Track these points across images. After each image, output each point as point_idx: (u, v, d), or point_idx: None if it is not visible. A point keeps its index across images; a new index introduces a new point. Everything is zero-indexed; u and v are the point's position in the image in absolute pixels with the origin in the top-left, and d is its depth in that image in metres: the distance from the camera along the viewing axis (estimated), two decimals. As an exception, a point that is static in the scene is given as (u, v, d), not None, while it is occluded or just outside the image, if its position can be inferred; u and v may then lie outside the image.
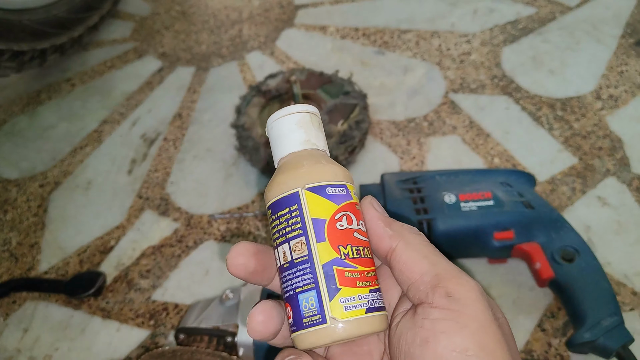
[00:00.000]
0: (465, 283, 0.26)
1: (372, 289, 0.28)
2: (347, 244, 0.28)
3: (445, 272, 0.27)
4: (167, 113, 0.85)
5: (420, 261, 0.27)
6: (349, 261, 0.27)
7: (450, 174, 0.61)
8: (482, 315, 0.25)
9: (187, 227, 0.70)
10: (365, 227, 0.29)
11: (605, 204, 0.65)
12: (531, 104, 0.77)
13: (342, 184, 0.29)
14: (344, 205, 0.28)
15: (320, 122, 0.31)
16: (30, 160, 0.83)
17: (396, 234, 0.28)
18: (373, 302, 0.27)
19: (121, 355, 0.60)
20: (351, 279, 0.27)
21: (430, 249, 0.28)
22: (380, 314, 0.28)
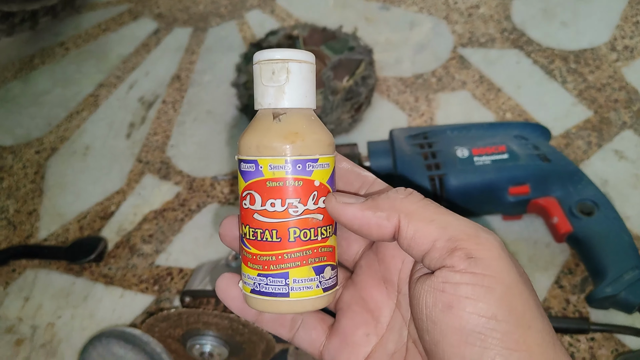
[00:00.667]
0: (485, 241, 0.24)
1: (261, 273, 0.27)
2: (246, 224, 0.27)
3: (459, 233, 0.24)
4: (165, 75, 0.82)
5: (428, 228, 0.25)
6: (245, 241, 0.28)
7: (462, 128, 0.58)
8: (507, 275, 0.23)
9: (189, 190, 0.67)
10: (350, 227, 0.27)
11: (623, 158, 0.62)
12: (543, 57, 0.74)
13: (252, 160, 0.27)
14: (251, 184, 0.27)
15: (277, 69, 0.27)
16: (25, 127, 0.80)
17: (391, 211, 0.26)
18: (259, 285, 0.27)
19: (126, 321, 0.58)
20: (245, 258, 0.28)
21: (433, 209, 0.25)
22: (265, 298, 0.28)
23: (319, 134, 0.27)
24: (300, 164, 0.26)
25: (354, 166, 0.30)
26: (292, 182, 0.27)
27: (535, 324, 0.23)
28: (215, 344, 0.49)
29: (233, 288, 0.30)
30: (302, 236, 0.27)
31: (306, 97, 0.27)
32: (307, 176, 0.27)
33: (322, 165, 0.27)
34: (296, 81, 0.27)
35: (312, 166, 0.27)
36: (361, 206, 0.26)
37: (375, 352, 0.29)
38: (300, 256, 0.27)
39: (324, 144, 0.27)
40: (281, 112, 0.27)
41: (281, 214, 0.27)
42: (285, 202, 0.27)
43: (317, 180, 0.27)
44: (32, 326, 0.60)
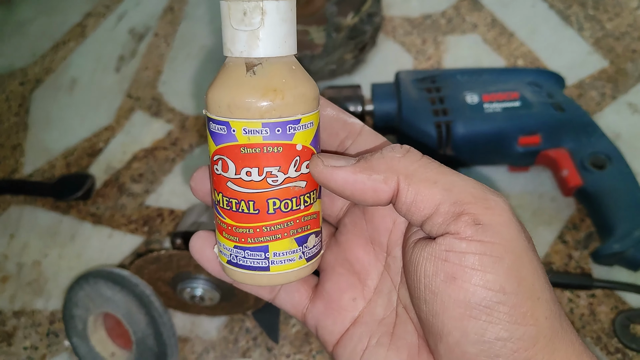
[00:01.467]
0: (494, 205, 0.21)
1: (238, 245, 0.25)
2: (219, 191, 0.24)
3: (466, 195, 0.22)
4: (157, 7, 0.77)
5: (431, 191, 0.22)
6: (220, 209, 0.25)
7: (472, 73, 0.55)
8: (517, 243, 0.21)
9: (181, 129, 0.64)
10: (343, 194, 0.24)
11: (637, 111, 0.60)
12: (560, 1, 0.70)
13: (224, 121, 0.23)
14: (222, 148, 0.23)
15: (252, 7, 0.22)
16: (7, 57, 0.76)
17: (388, 173, 0.23)
18: (236, 258, 0.25)
19: (114, 262, 0.56)
20: (219, 227, 0.26)
21: (435, 168, 0.23)
22: (244, 272, 0.25)
23: (301, 88, 0.23)
24: (279, 127, 0.23)
25: (339, 112, 0.27)
26: (270, 149, 0.23)
27: (544, 294, 0.21)
28: (206, 288, 0.47)
29: (208, 249, 0.28)
30: (283, 207, 0.24)
31: (285, 42, 0.23)
32: (288, 140, 0.23)
33: (305, 125, 0.23)
34: (273, 23, 0.22)
35: (294, 128, 0.23)
36: (353, 169, 0.23)
37: (362, 317, 0.27)
38: (280, 228, 0.24)
39: (307, 99, 0.23)
40: (256, 62, 0.23)
41: (258, 184, 0.23)
42: (262, 171, 0.23)
43: (299, 143, 0.23)
44: (18, 264, 0.58)
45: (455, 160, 0.55)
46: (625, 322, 0.47)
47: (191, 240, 0.28)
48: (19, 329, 0.54)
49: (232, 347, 0.50)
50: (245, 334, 0.51)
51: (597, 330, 0.48)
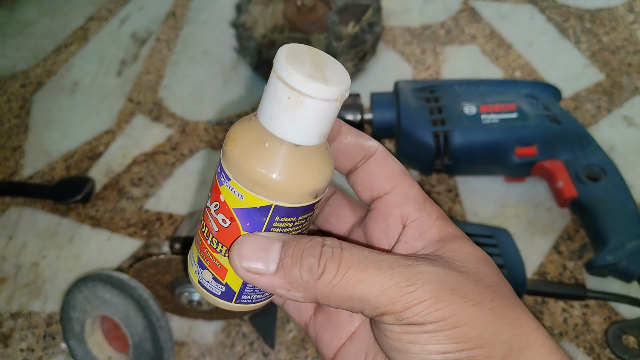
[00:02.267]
0: (412, 299, 0.22)
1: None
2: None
3: (383, 300, 0.23)
4: (159, 11, 0.78)
5: (350, 305, 0.23)
6: None
7: (470, 84, 0.56)
8: (451, 313, 0.22)
9: (182, 134, 0.65)
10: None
11: (632, 124, 0.61)
12: (558, 14, 0.71)
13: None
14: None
15: (287, 95, 0.22)
16: (10, 58, 0.76)
17: (305, 293, 0.24)
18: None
19: (112, 265, 0.57)
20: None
21: (350, 278, 0.23)
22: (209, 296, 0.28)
23: (307, 185, 0.24)
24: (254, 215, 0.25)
25: (358, 137, 0.28)
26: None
27: (497, 338, 0.22)
28: (204, 293, 0.47)
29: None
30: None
31: (320, 136, 0.24)
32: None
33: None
34: (311, 119, 0.23)
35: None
36: (271, 280, 0.24)
37: (358, 334, 0.28)
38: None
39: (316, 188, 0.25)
40: (290, 145, 0.23)
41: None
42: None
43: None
44: (16, 265, 0.58)
45: (452, 169, 0.55)
46: (617, 332, 0.47)
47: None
48: (16, 330, 0.54)
49: (228, 351, 0.50)
50: (242, 339, 0.51)
51: (590, 341, 0.48)
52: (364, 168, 0.28)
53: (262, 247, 0.24)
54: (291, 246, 0.24)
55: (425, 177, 0.58)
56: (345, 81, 0.23)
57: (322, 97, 0.22)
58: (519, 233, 0.54)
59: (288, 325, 0.51)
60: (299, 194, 0.24)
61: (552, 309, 0.50)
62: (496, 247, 0.48)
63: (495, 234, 0.49)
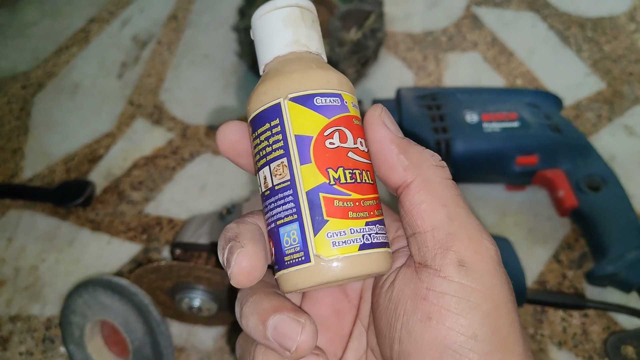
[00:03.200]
0: (484, 251, 0.22)
1: (369, 221, 0.23)
2: (338, 166, 0.23)
3: (462, 232, 0.22)
4: (161, 14, 0.78)
5: (437, 210, 0.22)
6: (340, 187, 0.23)
7: (472, 92, 0.56)
8: (498, 293, 0.21)
9: (182, 137, 0.65)
10: (368, 146, 0.24)
11: (632, 134, 0.61)
12: (560, 22, 0.71)
13: (337, 93, 0.24)
14: (337, 119, 0.23)
15: (315, 18, 0.26)
16: (10, 59, 0.76)
17: (413, 166, 0.23)
18: (370, 237, 0.23)
19: (112, 269, 0.57)
20: (342, 209, 0.23)
21: (452, 193, 0.23)
22: (380, 250, 0.23)
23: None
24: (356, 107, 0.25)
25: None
26: (360, 123, 0.25)
27: (517, 347, 0.21)
28: (205, 299, 0.48)
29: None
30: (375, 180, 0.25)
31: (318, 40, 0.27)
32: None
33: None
34: (310, 27, 0.26)
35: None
36: (394, 137, 0.23)
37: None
38: (377, 203, 0.24)
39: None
40: (323, 58, 0.26)
41: (367, 155, 0.24)
42: (363, 143, 0.24)
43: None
44: (15, 268, 0.58)
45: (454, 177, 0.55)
46: (616, 342, 0.47)
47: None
48: (15, 334, 0.54)
49: (227, 357, 0.50)
50: (242, 345, 0.51)
51: (589, 350, 0.48)
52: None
53: (393, 120, 0.24)
54: None
55: (426, 184, 0.58)
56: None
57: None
58: (519, 241, 0.54)
59: (288, 332, 0.51)
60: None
61: (552, 318, 0.50)
62: (497, 256, 0.48)
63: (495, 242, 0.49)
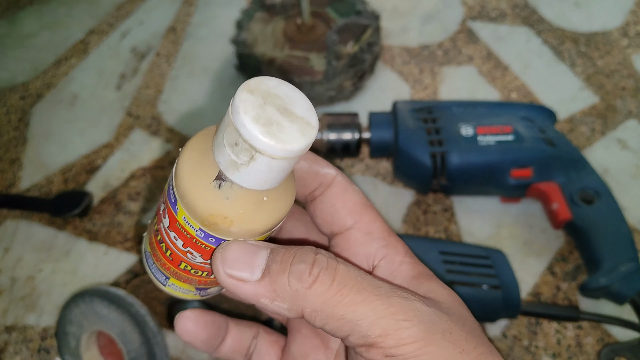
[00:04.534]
0: (405, 335, 0.21)
1: (152, 259, 0.28)
2: (159, 217, 0.26)
3: (375, 329, 0.21)
4: (160, 26, 0.78)
5: (339, 325, 0.22)
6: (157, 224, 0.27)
7: (468, 105, 0.57)
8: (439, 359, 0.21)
9: (180, 149, 0.65)
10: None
11: (625, 147, 0.62)
12: (554, 37, 0.72)
13: (174, 195, 0.23)
14: (168, 203, 0.25)
15: (234, 140, 0.21)
16: (9, 70, 0.76)
17: (292, 304, 0.22)
18: (149, 263, 0.28)
19: (109, 279, 0.57)
20: (158, 217, 0.27)
21: (344, 298, 0.21)
22: (150, 273, 0.28)
23: (253, 224, 0.23)
24: (213, 239, 0.23)
25: (312, 163, 0.26)
26: (198, 243, 0.23)
27: None
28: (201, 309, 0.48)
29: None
30: (193, 272, 0.26)
31: (265, 182, 0.22)
32: (214, 246, 0.23)
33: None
34: (258, 170, 0.21)
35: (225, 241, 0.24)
36: (256, 288, 0.22)
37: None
38: (185, 277, 0.26)
39: (253, 233, 0.23)
40: (227, 180, 0.22)
41: (180, 250, 0.25)
42: (186, 247, 0.24)
43: None
44: (12, 278, 0.58)
45: (449, 190, 0.56)
46: (610, 354, 0.48)
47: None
48: (10, 344, 0.54)
49: (223, 368, 0.50)
50: (237, 356, 0.51)
51: (583, 362, 0.49)
52: (323, 200, 0.26)
53: (248, 252, 0.22)
54: (280, 253, 0.22)
55: (421, 197, 0.59)
56: (307, 135, 0.20)
57: (276, 155, 0.20)
58: (514, 254, 0.55)
59: (284, 343, 0.51)
60: (249, 234, 0.23)
61: (546, 330, 0.50)
62: (491, 267, 0.48)
63: (490, 254, 0.49)
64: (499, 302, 0.46)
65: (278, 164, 0.21)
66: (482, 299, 0.46)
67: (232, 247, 0.22)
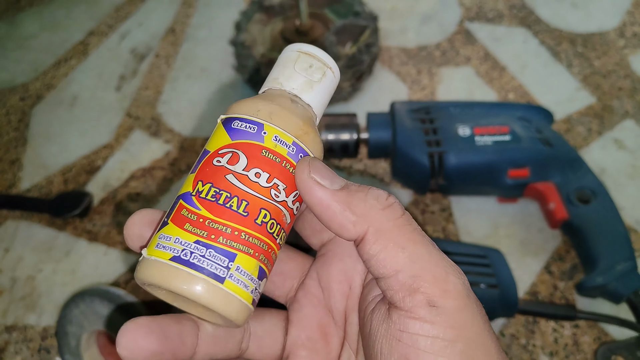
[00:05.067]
0: (452, 288, 0.22)
1: (204, 242, 0.22)
2: (208, 181, 0.23)
3: (426, 273, 0.22)
4: (159, 27, 0.79)
5: (396, 256, 0.22)
6: (195, 199, 0.22)
7: (465, 106, 0.57)
8: (471, 328, 0.21)
9: (179, 149, 0.65)
10: (312, 210, 0.24)
11: (622, 147, 0.62)
12: (551, 38, 0.72)
13: (258, 122, 0.24)
14: (239, 143, 0.23)
15: (314, 64, 0.26)
16: (9, 71, 0.77)
17: (361, 219, 0.22)
18: (192, 255, 0.22)
19: (109, 279, 0.57)
20: (183, 218, 0.22)
21: (408, 233, 0.22)
22: (178, 268, 0.21)
23: (321, 142, 0.26)
24: (302, 154, 0.24)
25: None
26: (287, 165, 0.24)
27: None
28: (200, 309, 0.48)
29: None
30: (269, 226, 0.23)
31: (322, 106, 0.27)
32: None
33: None
34: (324, 88, 0.27)
35: None
36: (332, 195, 0.23)
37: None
38: (256, 244, 0.23)
39: (320, 151, 0.26)
40: (302, 102, 0.26)
41: (261, 190, 0.23)
42: (271, 180, 0.23)
43: None
44: (12, 278, 0.58)
45: (447, 190, 0.56)
46: (606, 353, 0.48)
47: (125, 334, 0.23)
48: (11, 343, 0.54)
49: (223, 367, 0.51)
50: (237, 355, 0.51)
51: (580, 361, 0.49)
52: (309, 211, 0.27)
53: (330, 170, 0.24)
54: (356, 184, 0.24)
55: (419, 197, 0.59)
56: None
57: (335, 70, 0.27)
58: (511, 253, 0.55)
59: (283, 342, 0.51)
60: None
61: (543, 329, 0.51)
62: (489, 267, 0.48)
63: (488, 254, 0.49)
64: (496, 301, 0.47)
65: (334, 83, 0.27)
66: (480, 298, 0.46)
67: (318, 161, 0.24)
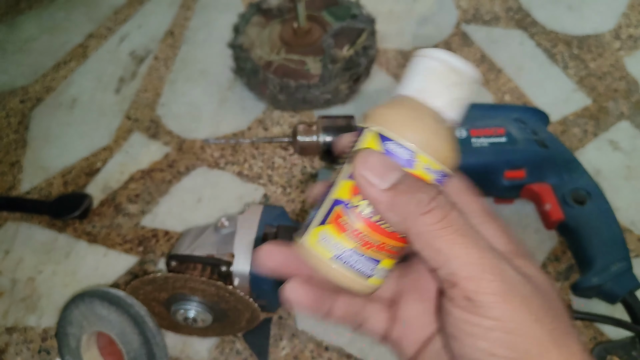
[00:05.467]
0: (486, 285, 0.23)
1: (359, 252, 0.26)
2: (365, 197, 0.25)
3: (462, 270, 0.23)
4: (158, 30, 0.79)
5: (432, 256, 0.24)
6: (355, 214, 0.26)
7: (461, 108, 0.57)
8: (511, 320, 0.23)
9: (178, 151, 0.66)
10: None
11: (617, 149, 0.62)
12: (547, 40, 0.73)
13: (410, 150, 0.25)
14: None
15: (458, 82, 0.26)
16: (9, 74, 0.77)
17: (402, 221, 0.24)
18: (344, 256, 0.26)
19: (108, 280, 0.58)
20: (340, 226, 0.26)
21: (449, 235, 0.24)
22: (336, 267, 0.26)
23: (459, 152, 0.27)
24: (443, 181, 0.26)
25: None
26: None
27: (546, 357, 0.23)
28: (199, 310, 0.48)
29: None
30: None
31: (460, 118, 0.27)
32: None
33: None
34: (468, 102, 0.26)
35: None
36: (379, 195, 0.25)
37: (435, 337, 0.29)
38: (398, 252, 0.27)
39: (457, 162, 0.27)
40: (449, 121, 0.26)
41: None
42: None
43: None
44: (12, 280, 0.59)
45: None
46: (602, 353, 0.49)
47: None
48: (11, 345, 0.55)
49: (222, 368, 0.51)
50: (236, 356, 0.52)
51: (575, 360, 0.49)
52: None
53: (385, 165, 0.25)
54: (410, 179, 0.25)
55: (417, 198, 0.60)
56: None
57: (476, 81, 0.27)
58: (508, 254, 0.55)
59: (281, 343, 0.52)
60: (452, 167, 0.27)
61: (540, 329, 0.51)
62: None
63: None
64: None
65: (470, 93, 0.26)
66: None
67: (374, 155, 0.25)
